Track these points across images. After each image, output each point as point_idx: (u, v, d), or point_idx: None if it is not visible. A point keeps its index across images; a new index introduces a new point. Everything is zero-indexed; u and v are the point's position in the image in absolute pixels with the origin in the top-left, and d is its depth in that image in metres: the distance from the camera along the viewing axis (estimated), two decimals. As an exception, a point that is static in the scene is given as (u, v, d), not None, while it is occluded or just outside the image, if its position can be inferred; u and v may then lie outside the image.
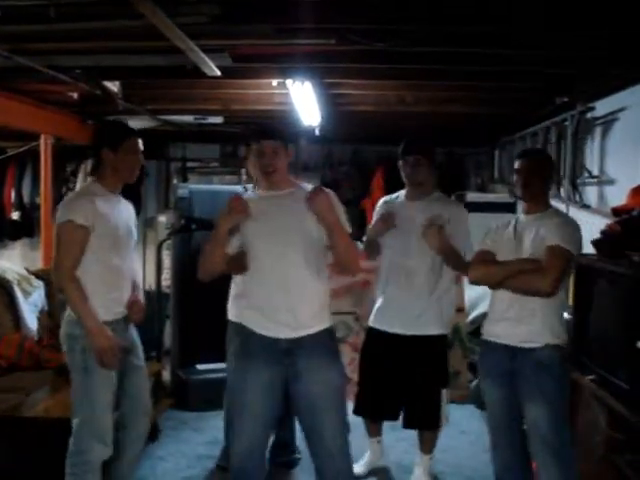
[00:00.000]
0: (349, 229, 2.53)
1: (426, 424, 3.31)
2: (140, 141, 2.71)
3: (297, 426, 3.08)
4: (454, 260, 3.07)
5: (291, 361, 2.47)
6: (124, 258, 2.69)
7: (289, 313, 2.46)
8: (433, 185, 3.27)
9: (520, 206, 2.85)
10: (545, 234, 2.59)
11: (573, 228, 2.65)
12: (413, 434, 3.44)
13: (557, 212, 2.79)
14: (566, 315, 2.86)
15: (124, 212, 2.75)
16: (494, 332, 2.74)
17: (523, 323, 2.62)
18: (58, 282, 2.64)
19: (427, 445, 3.39)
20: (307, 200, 2.40)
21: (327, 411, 2.50)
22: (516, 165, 2.75)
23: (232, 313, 3.25)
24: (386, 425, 3.57)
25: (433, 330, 3.18)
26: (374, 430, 3.50)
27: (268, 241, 2.47)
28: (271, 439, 3.41)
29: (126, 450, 2.76)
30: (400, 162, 3.22)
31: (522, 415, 2.64)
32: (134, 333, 2.80)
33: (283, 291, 2.45)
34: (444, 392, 3.26)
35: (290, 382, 2.51)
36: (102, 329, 2.53)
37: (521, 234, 2.69)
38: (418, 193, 3.22)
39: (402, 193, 3.32)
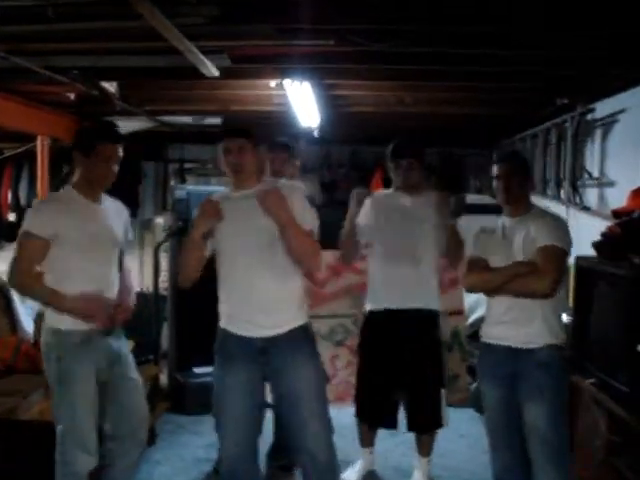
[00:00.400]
0: (310, 227, 2.51)
1: (429, 425, 3.30)
2: (117, 148, 2.58)
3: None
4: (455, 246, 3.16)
5: (266, 359, 2.47)
6: (103, 265, 2.61)
7: (261, 313, 2.46)
8: (424, 187, 3.28)
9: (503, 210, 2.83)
10: (535, 235, 2.59)
11: (562, 226, 2.66)
12: (410, 438, 3.42)
13: (542, 211, 2.80)
14: (565, 316, 2.88)
15: (110, 218, 2.67)
16: (493, 334, 2.74)
17: (522, 325, 2.61)
18: (15, 286, 2.64)
19: (425, 448, 3.37)
20: (257, 198, 2.41)
21: (306, 410, 2.48)
22: (495, 171, 2.75)
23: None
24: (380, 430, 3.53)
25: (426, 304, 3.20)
26: (367, 440, 3.47)
27: (236, 241, 2.48)
28: (270, 442, 3.40)
29: (118, 461, 2.70)
30: (391, 164, 3.21)
31: (521, 417, 2.63)
32: (120, 343, 2.72)
33: (254, 291, 2.46)
34: (443, 392, 3.24)
35: (268, 381, 2.52)
36: (72, 300, 2.48)
37: (510, 237, 2.69)
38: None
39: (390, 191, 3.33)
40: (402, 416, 3.32)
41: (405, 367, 3.18)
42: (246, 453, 2.53)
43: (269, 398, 2.64)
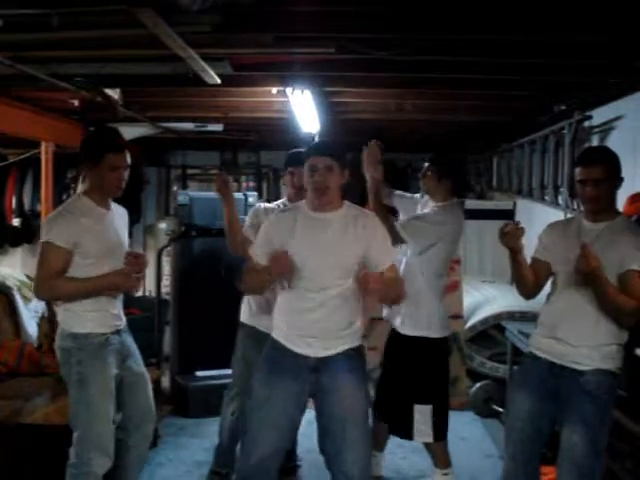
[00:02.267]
0: (392, 260, 2.52)
1: (395, 431, 3.30)
2: (124, 156, 2.63)
3: (298, 432, 3.06)
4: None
5: (316, 378, 2.46)
6: (116, 267, 2.65)
7: (322, 336, 2.45)
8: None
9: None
10: (623, 252, 2.36)
11: None
12: (410, 442, 3.42)
13: (629, 223, 2.55)
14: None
15: (116, 222, 2.73)
16: (541, 346, 2.59)
17: (571, 343, 2.45)
18: (43, 294, 2.69)
19: (434, 458, 3.32)
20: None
21: (349, 434, 2.44)
22: (579, 174, 2.48)
23: (257, 321, 3.23)
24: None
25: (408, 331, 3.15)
26: (379, 445, 3.46)
27: (312, 262, 2.43)
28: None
29: (127, 453, 2.76)
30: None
31: (550, 432, 2.54)
32: (130, 338, 2.80)
33: (321, 315, 2.44)
34: (418, 408, 3.13)
35: (315, 399, 2.51)
36: (105, 279, 2.58)
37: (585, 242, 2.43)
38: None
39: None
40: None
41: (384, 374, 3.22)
42: (271, 464, 2.51)
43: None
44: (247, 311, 3.27)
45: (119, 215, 2.80)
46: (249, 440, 2.53)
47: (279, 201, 3.36)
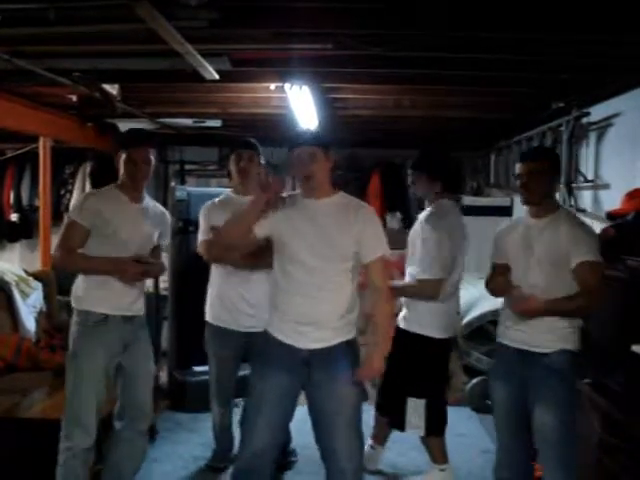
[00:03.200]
0: (382, 253, 2.47)
1: (390, 418, 3.33)
2: (149, 150, 2.78)
3: (291, 428, 3.07)
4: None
5: (309, 371, 2.46)
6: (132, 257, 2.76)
7: (315, 327, 2.43)
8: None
9: (521, 209, 2.78)
10: (565, 246, 2.53)
11: (592, 233, 2.61)
12: (406, 436, 3.43)
13: (568, 214, 2.70)
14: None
15: (145, 217, 2.83)
16: (507, 335, 2.72)
17: (536, 329, 2.60)
18: (57, 262, 2.81)
19: (431, 454, 3.34)
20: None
21: (343, 427, 2.46)
22: (517, 169, 2.68)
23: (217, 317, 3.34)
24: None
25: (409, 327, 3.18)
26: (379, 439, 3.49)
27: (304, 252, 2.42)
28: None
29: (120, 449, 2.80)
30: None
31: (530, 419, 2.63)
32: (141, 332, 2.86)
33: (312, 302, 2.42)
34: (410, 401, 3.16)
35: (306, 392, 2.52)
36: (116, 263, 2.70)
37: (530, 241, 2.64)
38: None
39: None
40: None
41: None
42: (267, 457, 2.51)
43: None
44: (209, 310, 3.39)
45: (154, 214, 2.90)
46: (245, 433, 2.55)
47: (222, 196, 3.38)
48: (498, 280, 2.75)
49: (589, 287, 2.50)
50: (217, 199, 3.35)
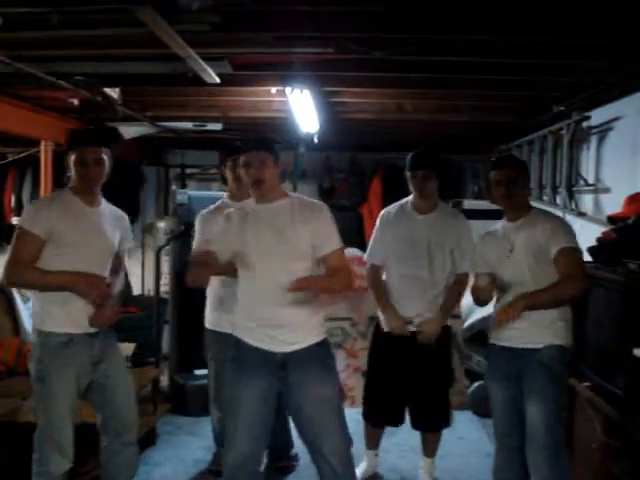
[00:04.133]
0: (339, 244, 2.54)
1: (437, 424, 3.33)
2: (102, 150, 2.61)
3: (293, 433, 3.07)
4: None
5: (285, 374, 2.49)
6: (92, 266, 2.61)
7: (284, 328, 2.47)
8: (437, 196, 3.31)
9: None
10: (545, 238, 2.64)
11: (569, 226, 2.75)
12: (408, 439, 3.45)
13: (543, 212, 2.85)
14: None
15: (103, 221, 2.68)
16: (499, 336, 2.79)
17: (527, 325, 2.66)
18: (9, 280, 2.60)
19: (430, 448, 3.39)
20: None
21: (324, 427, 2.50)
22: (494, 177, 2.78)
23: (216, 322, 3.33)
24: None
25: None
26: (373, 442, 3.49)
27: (262, 255, 2.46)
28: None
29: (112, 458, 2.72)
30: (408, 174, 3.24)
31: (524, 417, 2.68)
32: (107, 343, 2.71)
33: (278, 306, 2.46)
34: (450, 392, 3.31)
35: (285, 395, 2.53)
36: (74, 277, 2.52)
37: (511, 241, 2.75)
38: (426, 206, 3.25)
39: (407, 204, 3.32)
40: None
41: (416, 369, 3.20)
42: (252, 462, 2.53)
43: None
44: (208, 315, 3.38)
45: (112, 217, 2.75)
46: (227, 441, 2.56)
47: (218, 202, 3.36)
48: (484, 289, 2.77)
49: (570, 272, 2.58)
50: (212, 206, 3.33)
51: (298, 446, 3.58)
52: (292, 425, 2.69)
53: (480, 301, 2.90)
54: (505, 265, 2.77)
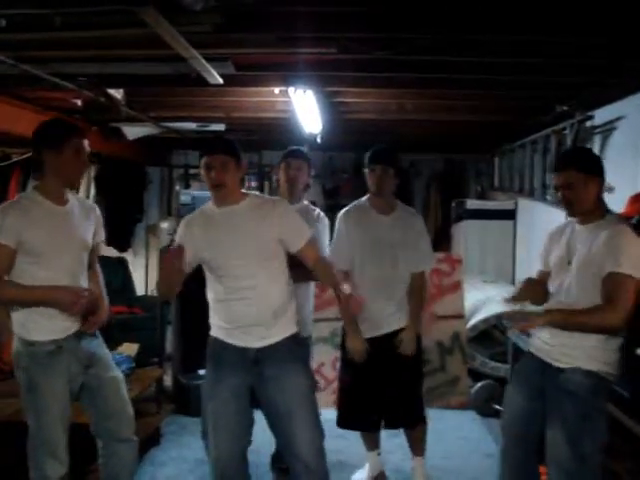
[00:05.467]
0: (309, 236, 2.56)
1: (409, 421, 3.30)
2: (85, 141, 2.53)
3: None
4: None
5: (259, 369, 2.50)
6: (69, 267, 2.53)
7: (258, 325, 2.50)
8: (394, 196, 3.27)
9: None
10: (605, 253, 2.30)
11: (631, 244, 2.30)
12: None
13: (614, 221, 2.41)
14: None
15: (74, 219, 2.56)
16: (533, 343, 2.63)
17: (557, 341, 2.44)
18: None
19: (417, 447, 3.37)
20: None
21: (298, 418, 2.50)
22: (554, 181, 2.52)
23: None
24: (382, 432, 3.55)
25: (402, 324, 3.17)
26: (371, 443, 3.48)
27: (229, 257, 2.48)
28: (273, 445, 3.44)
29: (109, 460, 2.70)
30: (366, 170, 3.19)
31: (541, 427, 2.52)
32: (94, 344, 2.65)
33: (251, 304, 2.48)
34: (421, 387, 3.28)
35: (258, 390, 2.54)
36: (50, 291, 2.43)
37: (572, 250, 2.47)
38: (384, 205, 3.21)
39: (365, 204, 3.26)
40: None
41: (386, 368, 3.17)
42: (237, 458, 2.55)
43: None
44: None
45: (82, 212, 2.61)
46: (210, 442, 2.58)
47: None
48: (535, 290, 2.61)
49: (613, 301, 2.25)
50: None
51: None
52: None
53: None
54: (561, 270, 2.49)
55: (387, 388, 3.19)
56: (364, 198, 3.29)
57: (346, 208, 3.29)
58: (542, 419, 2.49)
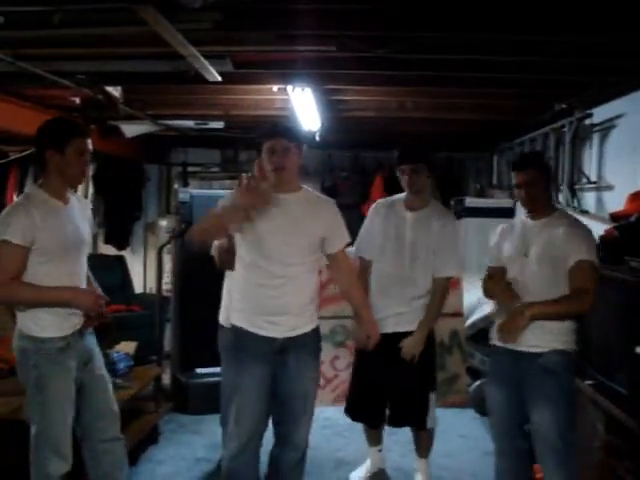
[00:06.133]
0: (345, 242, 2.64)
1: (413, 420, 3.27)
2: (89, 141, 2.52)
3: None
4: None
5: (283, 358, 2.55)
6: (75, 265, 2.55)
7: (287, 315, 2.53)
8: (430, 193, 3.26)
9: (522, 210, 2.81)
10: (562, 246, 2.54)
11: (588, 234, 2.60)
12: (409, 438, 3.44)
13: (565, 215, 2.74)
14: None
15: (76, 217, 2.57)
16: (498, 337, 2.73)
17: (528, 329, 2.57)
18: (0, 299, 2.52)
19: (422, 449, 3.38)
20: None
21: (305, 407, 2.60)
22: (515, 179, 2.69)
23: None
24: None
25: (411, 327, 3.13)
26: (374, 439, 3.49)
27: (282, 241, 2.49)
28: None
29: (102, 463, 2.69)
30: (397, 170, 3.17)
31: (526, 419, 2.64)
32: (91, 340, 2.67)
33: (284, 294, 2.51)
34: (432, 396, 3.21)
35: (276, 377, 2.57)
36: (73, 291, 2.48)
37: (528, 243, 2.66)
38: (416, 203, 3.16)
39: (399, 199, 3.23)
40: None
41: (397, 369, 3.16)
42: (251, 449, 2.58)
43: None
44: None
45: (80, 209, 2.63)
46: (229, 430, 2.60)
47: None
48: (497, 284, 2.75)
49: (583, 287, 2.49)
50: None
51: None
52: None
53: (491, 296, 2.87)
54: (518, 265, 2.67)
55: (390, 385, 3.20)
56: (403, 193, 3.23)
57: (381, 199, 3.34)
58: (522, 406, 2.63)
